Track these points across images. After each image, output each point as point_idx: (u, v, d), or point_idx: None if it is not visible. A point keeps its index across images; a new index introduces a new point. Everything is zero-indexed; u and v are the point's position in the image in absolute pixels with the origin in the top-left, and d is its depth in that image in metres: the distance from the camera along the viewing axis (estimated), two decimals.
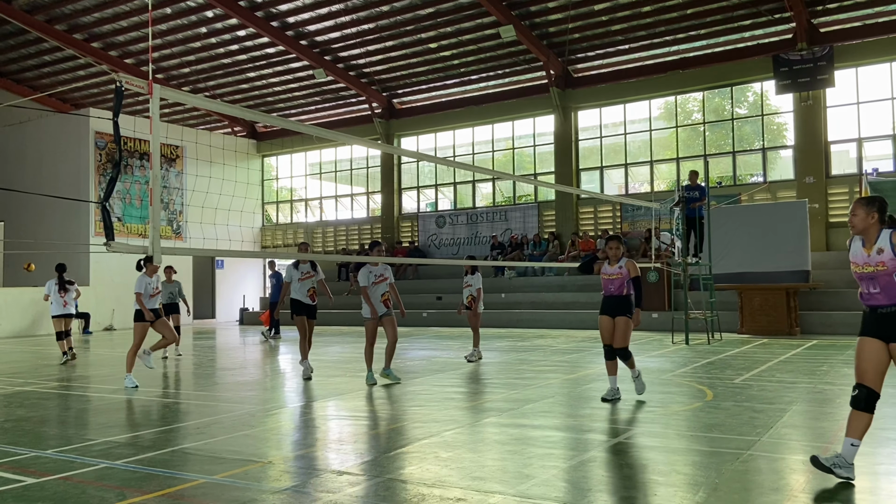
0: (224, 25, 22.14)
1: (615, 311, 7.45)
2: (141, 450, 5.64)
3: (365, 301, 9.00)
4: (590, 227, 22.32)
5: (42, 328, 20.99)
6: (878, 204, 4.52)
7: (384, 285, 9.08)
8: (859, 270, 4.54)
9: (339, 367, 11.00)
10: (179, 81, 25.49)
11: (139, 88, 4.53)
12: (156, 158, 4.64)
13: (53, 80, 26.30)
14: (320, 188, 28.72)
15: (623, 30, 20.10)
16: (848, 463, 4.45)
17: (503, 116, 23.84)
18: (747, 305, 15.40)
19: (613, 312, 7.46)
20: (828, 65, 18.41)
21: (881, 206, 4.52)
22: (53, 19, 22.52)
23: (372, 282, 9.01)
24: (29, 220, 23.64)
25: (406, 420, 6.92)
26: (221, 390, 9.20)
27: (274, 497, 4.35)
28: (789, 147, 20.08)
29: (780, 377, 8.91)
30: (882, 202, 4.56)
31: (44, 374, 11.37)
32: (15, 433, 6.44)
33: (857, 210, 4.54)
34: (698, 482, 4.50)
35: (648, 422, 6.37)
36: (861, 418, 4.47)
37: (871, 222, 4.48)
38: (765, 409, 6.83)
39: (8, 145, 25.08)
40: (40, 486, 4.66)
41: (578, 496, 4.30)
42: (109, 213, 4.69)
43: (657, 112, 22.19)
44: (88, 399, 8.73)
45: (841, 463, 4.44)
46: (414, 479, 4.74)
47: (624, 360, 7.43)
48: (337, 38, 22.32)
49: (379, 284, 9.04)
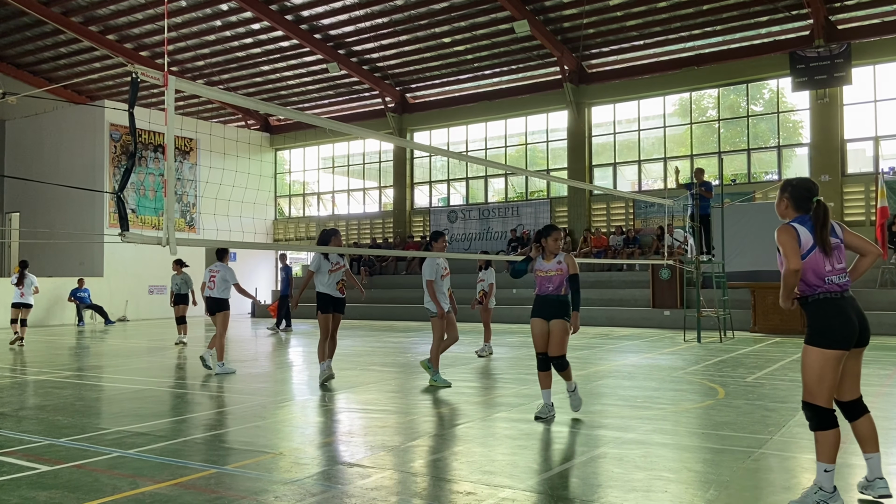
0: (239, 19, 22.20)
1: (551, 314, 6.33)
2: (153, 439, 5.68)
3: (430, 296, 8.40)
4: (602, 224, 22.25)
5: (56, 317, 21.19)
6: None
7: (449, 280, 8.58)
8: None
9: (350, 361, 11.03)
10: (194, 74, 25.59)
11: (155, 80, 4.55)
12: (170, 150, 4.66)
13: (69, 72, 26.49)
14: (333, 182, 28.78)
15: (638, 25, 19.98)
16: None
17: (516, 112, 23.77)
18: (760, 304, 15.31)
19: (549, 315, 6.34)
20: (845, 62, 18.23)
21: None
22: (69, 11, 22.66)
23: (440, 275, 8.48)
24: (44, 210, 23.85)
25: (416, 414, 6.93)
26: (233, 381, 9.24)
27: (284, 488, 4.37)
28: (805, 145, 19.92)
29: (792, 376, 8.85)
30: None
31: (58, 363, 11.47)
32: (29, 421, 6.50)
33: None
34: (709, 480, 4.49)
35: (659, 419, 6.35)
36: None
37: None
38: (777, 408, 6.79)
39: (24, 136, 25.28)
40: (54, 474, 4.71)
41: (588, 492, 4.29)
42: (124, 203, 4.71)
43: (671, 109, 22.07)
44: (102, 388, 8.80)
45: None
46: (424, 473, 4.74)
47: (560, 371, 6.41)
48: (351, 32, 22.33)
49: (446, 278, 8.53)
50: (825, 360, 3.80)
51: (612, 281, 20.21)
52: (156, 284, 23.77)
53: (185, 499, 4.16)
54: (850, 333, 3.82)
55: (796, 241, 3.89)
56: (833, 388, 3.85)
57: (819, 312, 3.88)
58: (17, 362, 11.58)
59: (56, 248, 23.32)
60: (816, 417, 3.84)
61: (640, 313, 17.98)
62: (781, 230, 3.94)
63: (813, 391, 3.84)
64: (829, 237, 3.92)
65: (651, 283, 18.28)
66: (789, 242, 3.88)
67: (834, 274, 3.90)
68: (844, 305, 3.87)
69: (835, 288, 3.88)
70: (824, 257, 3.89)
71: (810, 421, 3.89)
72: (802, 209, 3.99)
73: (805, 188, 4.01)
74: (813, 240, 3.90)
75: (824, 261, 3.89)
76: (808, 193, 3.98)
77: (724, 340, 13.59)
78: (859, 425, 4.00)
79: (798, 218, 3.98)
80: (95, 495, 4.23)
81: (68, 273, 22.02)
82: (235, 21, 22.38)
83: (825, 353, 3.80)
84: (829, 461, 3.81)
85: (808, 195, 3.98)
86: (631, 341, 13.94)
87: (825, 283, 3.88)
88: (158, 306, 23.81)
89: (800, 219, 3.97)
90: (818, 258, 3.89)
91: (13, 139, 25.76)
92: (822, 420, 3.83)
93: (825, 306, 3.87)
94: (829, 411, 3.82)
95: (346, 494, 4.24)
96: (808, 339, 3.89)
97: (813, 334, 3.87)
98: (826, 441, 3.82)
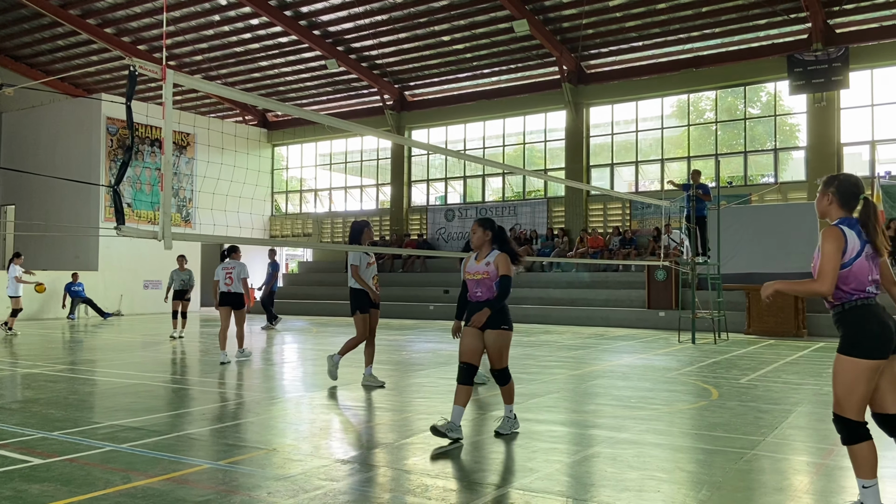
0: (237, 14, 22.15)
1: (485, 324, 5.52)
2: (146, 434, 5.68)
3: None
4: (599, 224, 22.27)
5: (50, 311, 21.13)
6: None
7: (375, 268, 8.28)
8: None
9: (345, 358, 11.01)
10: (192, 69, 25.53)
11: (153, 73, 4.54)
12: (168, 144, 4.65)
13: (67, 65, 26.41)
14: (330, 179, 28.75)
15: (637, 27, 19.99)
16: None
17: (515, 111, 23.78)
18: (755, 306, 15.35)
19: (483, 325, 5.53)
20: (842, 66, 18.27)
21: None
22: (68, 4, 22.59)
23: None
24: (40, 203, 23.78)
25: (411, 411, 6.93)
26: (227, 377, 9.24)
27: (278, 484, 4.37)
28: (801, 148, 19.96)
29: (786, 378, 8.88)
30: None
31: (51, 356, 11.45)
32: (22, 414, 6.49)
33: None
34: (702, 480, 4.50)
35: (653, 419, 6.37)
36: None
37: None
38: (770, 410, 6.81)
39: (21, 129, 25.20)
40: (46, 467, 4.70)
41: (581, 491, 4.30)
42: (120, 197, 4.70)
43: (669, 110, 22.09)
44: (95, 383, 8.79)
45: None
46: (417, 470, 4.75)
47: (501, 385, 5.69)
48: (350, 29, 22.30)
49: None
50: (859, 371, 3.56)
51: (608, 281, 20.24)
52: (151, 279, 23.73)
53: (177, 494, 4.15)
54: (888, 340, 3.56)
55: (841, 251, 3.58)
56: (865, 400, 3.62)
57: (857, 320, 3.60)
58: (9, 355, 11.56)
59: (51, 242, 23.26)
60: (846, 430, 3.61)
61: (636, 314, 18.02)
62: (830, 234, 3.62)
63: (842, 403, 3.61)
64: (879, 241, 3.64)
65: (646, 284, 18.31)
66: (834, 254, 3.57)
67: (872, 283, 3.65)
68: (880, 311, 3.62)
69: (871, 294, 3.64)
70: (870, 264, 3.63)
71: (841, 434, 3.66)
72: (847, 208, 3.72)
73: (853, 184, 3.74)
74: (860, 244, 3.61)
75: (870, 267, 3.63)
76: (856, 189, 3.73)
77: (719, 342, 13.62)
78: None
79: (845, 220, 3.69)
80: (88, 489, 4.22)
81: (63, 266, 21.96)
82: (234, 16, 22.34)
83: (859, 363, 3.55)
84: (867, 476, 3.58)
85: (856, 191, 3.72)
86: (626, 342, 13.96)
87: (865, 291, 3.62)
88: (153, 301, 23.76)
89: (847, 221, 3.67)
90: (864, 264, 3.61)
91: (9, 131, 25.68)
92: (852, 433, 3.60)
93: (864, 313, 3.60)
94: (860, 424, 3.60)
95: (339, 491, 4.24)
96: (842, 348, 3.63)
97: (849, 344, 3.60)
98: (860, 455, 3.59)
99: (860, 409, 3.60)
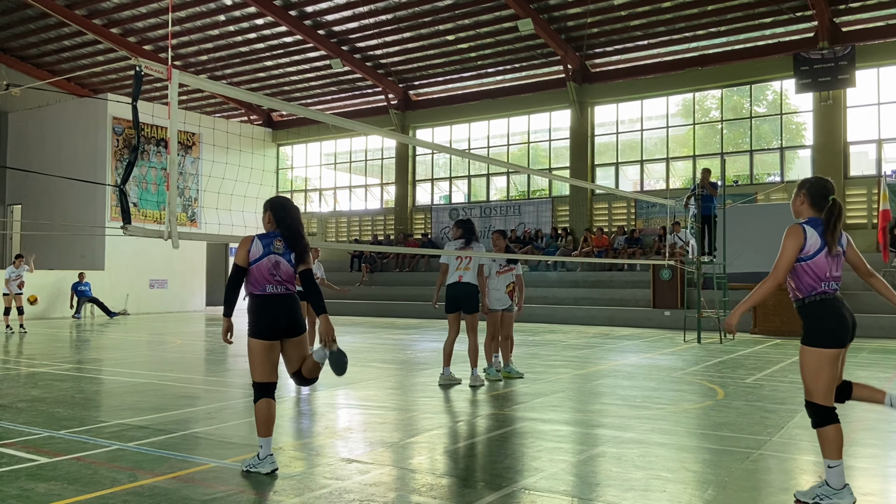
0: (242, 14, 22.19)
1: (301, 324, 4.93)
2: (152, 433, 5.69)
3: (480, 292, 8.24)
4: (604, 223, 22.24)
5: (57, 310, 21.21)
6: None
7: (510, 275, 8.41)
8: None
9: (350, 357, 11.01)
10: (197, 69, 25.58)
11: (158, 73, 4.55)
12: (173, 144, 4.66)
13: (73, 65, 26.49)
14: (334, 178, 28.78)
15: (642, 25, 19.95)
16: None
17: (519, 110, 23.76)
18: (761, 305, 15.28)
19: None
20: (849, 64, 18.21)
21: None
22: (74, 4, 22.65)
23: (496, 271, 8.36)
24: (46, 203, 23.86)
25: (416, 410, 6.94)
26: (232, 376, 9.26)
27: (283, 483, 4.38)
28: (807, 147, 19.89)
29: (792, 377, 8.86)
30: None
31: (58, 355, 11.49)
32: (29, 413, 6.51)
33: None
34: (707, 480, 4.49)
35: (658, 419, 6.35)
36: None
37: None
38: (776, 410, 6.80)
39: (27, 129, 25.29)
40: (53, 466, 4.72)
41: (587, 490, 4.30)
42: (126, 196, 4.72)
43: (675, 109, 22.04)
44: (102, 381, 8.81)
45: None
46: (423, 469, 4.75)
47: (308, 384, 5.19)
48: (355, 29, 22.32)
49: (504, 274, 8.38)
50: (821, 359, 3.91)
51: (613, 281, 20.20)
52: (157, 278, 23.79)
53: (183, 492, 4.16)
54: (844, 332, 3.94)
55: (800, 246, 3.95)
56: (831, 385, 3.94)
57: (816, 313, 3.97)
58: (17, 354, 11.60)
59: (58, 241, 23.33)
60: (816, 415, 3.94)
61: (641, 313, 17.98)
62: (790, 231, 3.99)
63: (811, 390, 3.95)
64: (837, 240, 3.99)
65: (652, 284, 18.27)
66: (790, 249, 3.96)
67: (831, 280, 4.00)
68: (838, 305, 3.98)
69: (829, 290, 3.99)
70: (828, 261, 3.97)
71: (812, 418, 3.98)
72: (818, 207, 4.04)
73: (822, 186, 4.09)
74: (821, 242, 3.96)
75: (827, 264, 3.97)
76: (825, 191, 4.06)
77: (724, 341, 13.59)
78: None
79: (811, 220, 4.03)
80: (94, 487, 4.24)
81: (70, 266, 22.04)
82: (239, 16, 22.37)
83: (821, 352, 3.91)
84: (833, 457, 3.89)
85: (825, 193, 4.05)
86: (631, 341, 13.94)
87: (821, 287, 3.97)
88: (159, 300, 23.83)
89: (812, 221, 4.03)
90: (822, 261, 3.96)
91: (16, 131, 25.77)
92: (821, 417, 3.92)
93: (822, 307, 3.97)
94: (828, 409, 3.92)
95: (344, 490, 4.25)
96: (805, 339, 3.98)
97: (809, 335, 3.97)
98: (827, 437, 3.91)
99: (827, 394, 3.93)
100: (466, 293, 7.95)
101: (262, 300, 4.69)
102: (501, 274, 8.41)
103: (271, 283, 4.70)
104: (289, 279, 4.78)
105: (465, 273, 7.98)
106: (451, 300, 8.07)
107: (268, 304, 4.68)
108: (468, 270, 7.99)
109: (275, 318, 4.67)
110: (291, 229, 4.77)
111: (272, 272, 4.69)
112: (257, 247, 4.71)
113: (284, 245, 4.76)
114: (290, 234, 4.76)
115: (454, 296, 8.02)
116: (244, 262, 4.73)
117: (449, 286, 8.06)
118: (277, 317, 4.68)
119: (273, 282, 4.70)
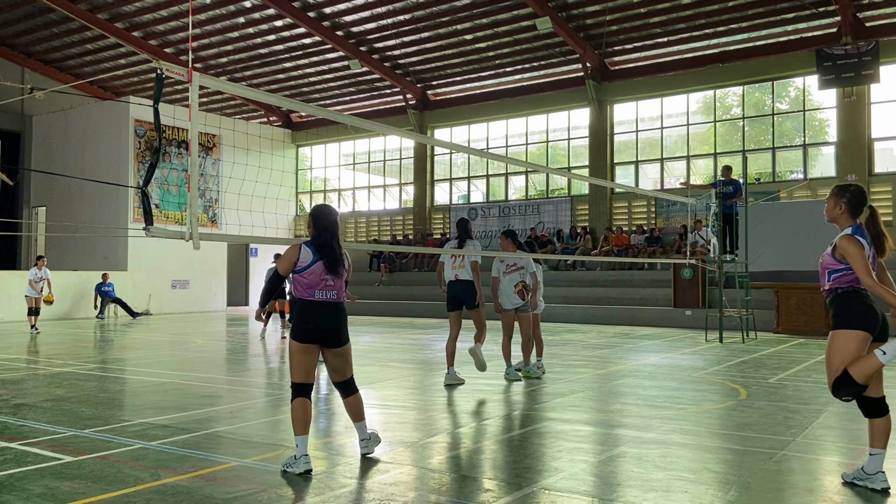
0: (261, 16, 22.34)
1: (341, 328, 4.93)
2: (175, 432, 5.75)
3: (492, 293, 8.59)
4: (623, 222, 22.11)
5: (81, 311, 21.48)
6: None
7: (517, 275, 8.55)
8: None
9: (369, 357, 11.06)
10: (217, 71, 25.80)
11: (179, 76, 4.59)
12: (194, 145, 4.70)
13: (95, 69, 26.82)
14: (353, 179, 28.88)
15: (662, 22, 19.80)
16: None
17: (538, 109, 23.69)
18: (784, 304, 15.13)
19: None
20: (873, 60, 17.94)
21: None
22: (96, 8, 22.94)
23: (503, 272, 8.58)
24: (70, 205, 24.19)
25: (435, 410, 6.94)
26: (253, 376, 9.32)
27: (304, 482, 4.40)
28: (831, 143, 19.64)
29: (816, 377, 8.75)
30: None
31: (83, 355, 11.64)
32: (54, 412, 6.60)
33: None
34: (730, 481, 4.45)
35: (680, 419, 6.30)
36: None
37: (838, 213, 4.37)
38: (800, 410, 6.71)
39: (51, 132, 25.65)
40: (78, 465, 4.78)
41: (607, 491, 4.27)
42: (148, 198, 4.77)
43: (695, 106, 21.86)
44: (125, 381, 8.91)
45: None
46: (442, 469, 4.75)
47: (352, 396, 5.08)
48: (373, 29, 22.38)
49: (511, 274, 8.56)
50: (849, 339, 4.05)
51: (633, 280, 20.08)
52: (178, 279, 24.02)
53: (205, 491, 4.20)
54: (874, 319, 4.10)
55: (866, 255, 4.13)
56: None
57: (846, 301, 4.15)
58: (42, 354, 11.77)
59: (81, 242, 23.64)
60: (843, 388, 4.05)
61: (661, 313, 17.85)
62: (852, 243, 4.11)
63: (833, 369, 4.09)
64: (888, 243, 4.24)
65: (672, 283, 18.13)
66: (861, 257, 4.08)
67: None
68: (867, 297, 4.17)
69: (861, 286, 4.18)
70: (870, 261, 4.17)
71: (862, 410, 4.19)
72: (855, 216, 4.25)
73: (862, 194, 4.28)
74: (870, 249, 4.18)
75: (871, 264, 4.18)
76: (864, 200, 4.26)
77: (747, 341, 13.45)
78: None
79: (855, 228, 4.20)
80: (118, 486, 4.29)
81: (93, 267, 22.32)
82: (258, 18, 22.53)
83: (851, 333, 4.06)
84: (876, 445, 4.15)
85: (864, 201, 4.25)
86: (651, 341, 13.84)
87: (858, 281, 4.15)
88: (181, 300, 24.06)
89: (856, 229, 4.20)
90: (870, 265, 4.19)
91: (40, 134, 26.15)
92: (873, 408, 4.17)
93: (854, 296, 4.15)
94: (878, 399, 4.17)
95: (364, 489, 4.26)
96: (836, 325, 4.15)
97: (839, 320, 4.14)
98: (874, 427, 4.16)
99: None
100: (464, 290, 8.18)
101: (307, 305, 4.77)
102: (508, 274, 8.59)
103: (321, 287, 4.77)
104: (338, 286, 4.84)
105: (460, 271, 8.20)
106: (451, 298, 8.28)
107: (311, 310, 4.76)
108: (462, 269, 8.23)
109: (315, 324, 4.75)
110: (322, 238, 4.81)
111: (323, 276, 4.75)
112: (306, 253, 4.77)
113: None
114: (320, 242, 4.81)
115: (453, 293, 8.23)
116: (286, 273, 4.83)
117: (448, 285, 8.32)
118: (318, 322, 4.76)
119: (325, 287, 4.77)
